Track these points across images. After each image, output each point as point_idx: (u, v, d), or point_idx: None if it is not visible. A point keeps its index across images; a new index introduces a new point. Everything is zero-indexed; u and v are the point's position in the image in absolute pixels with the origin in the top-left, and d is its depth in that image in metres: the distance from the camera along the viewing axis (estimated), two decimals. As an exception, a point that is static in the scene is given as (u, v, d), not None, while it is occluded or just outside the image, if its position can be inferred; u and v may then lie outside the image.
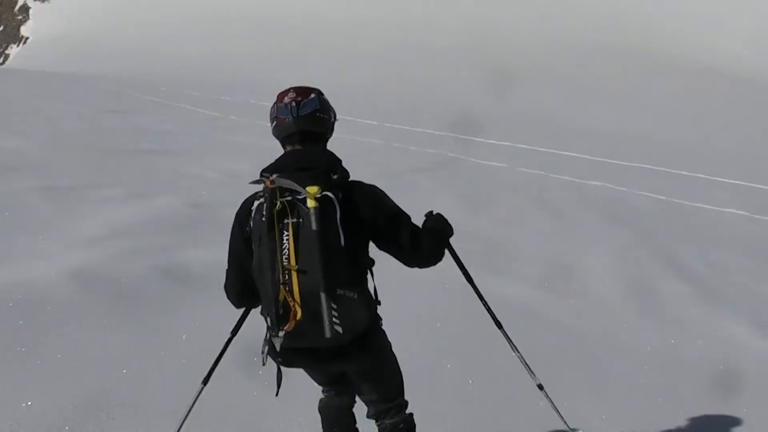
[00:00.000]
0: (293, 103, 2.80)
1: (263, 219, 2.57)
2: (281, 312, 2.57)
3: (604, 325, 6.82)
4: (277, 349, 2.66)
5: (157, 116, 23.49)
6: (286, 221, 2.58)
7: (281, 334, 2.59)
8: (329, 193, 2.61)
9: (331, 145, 3.00)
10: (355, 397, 3.24)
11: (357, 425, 3.34)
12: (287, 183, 2.61)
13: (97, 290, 5.90)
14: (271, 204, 2.57)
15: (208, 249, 7.48)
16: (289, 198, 2.59)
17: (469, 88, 48.17)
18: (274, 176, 2.66)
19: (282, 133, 2.87)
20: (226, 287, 2.95)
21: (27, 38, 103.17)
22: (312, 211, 2.55)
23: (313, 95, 2.85)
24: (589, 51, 69.16)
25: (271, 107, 2.89)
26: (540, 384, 3.51)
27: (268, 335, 2.76)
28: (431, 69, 58.92)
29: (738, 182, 20.30)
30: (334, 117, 2.98)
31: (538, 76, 56.18)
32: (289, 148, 2.88)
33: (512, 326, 4.03)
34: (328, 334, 2.57)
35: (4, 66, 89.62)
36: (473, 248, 7.72)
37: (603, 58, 66.03)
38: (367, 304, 2.72)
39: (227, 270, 2.92)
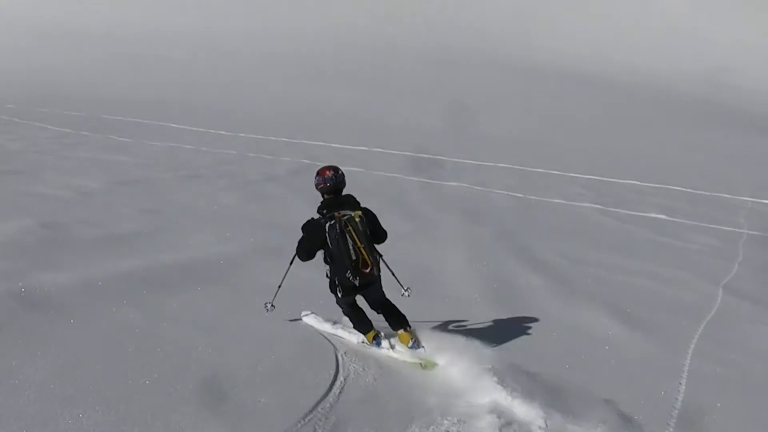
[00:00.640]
0: (332, 176, 5.51)
1: (338, 231, 5.35)
2: (359, 267, 5.42)
3: (466, 323, 6.99)
4: (357, 285, 5.49)
5: (4, 135, 22.18)
6: (348, 228, 5.40)
7: (358, 277, 5.44)
8: (362, 213, 5.50)
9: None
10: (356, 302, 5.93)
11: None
12: (346, 213, 5.45)
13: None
14: (341, 223, 5.38)
15: (65, 271, 7.22)
16: (347, 217, 5.42)
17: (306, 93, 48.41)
18: (341, 211, 5.45)
19: (325, 190, 5.54)
20: (301, 252, 5.56)
21: None
22: (359, 220, 5.44)
23: (340, 171, 5.59)
24: (445, 57, 71.05)
25: (318, 176, 5.56)
26: (406, 289, 5.95)
27: (339, 282, 5.51)
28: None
29: (590, 177, 21.51)
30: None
31: (398, 82, 57.22)
32: (327, 196, 5.56)
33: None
34: (376, 273, 5.57)
35: None
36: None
37: (449, 61, 67.89)
38: (379, 260, 5.65)
39: (303, 245, 5.55)
